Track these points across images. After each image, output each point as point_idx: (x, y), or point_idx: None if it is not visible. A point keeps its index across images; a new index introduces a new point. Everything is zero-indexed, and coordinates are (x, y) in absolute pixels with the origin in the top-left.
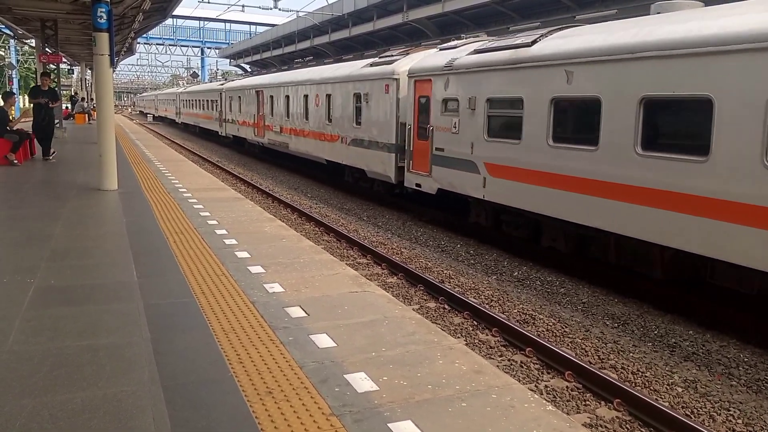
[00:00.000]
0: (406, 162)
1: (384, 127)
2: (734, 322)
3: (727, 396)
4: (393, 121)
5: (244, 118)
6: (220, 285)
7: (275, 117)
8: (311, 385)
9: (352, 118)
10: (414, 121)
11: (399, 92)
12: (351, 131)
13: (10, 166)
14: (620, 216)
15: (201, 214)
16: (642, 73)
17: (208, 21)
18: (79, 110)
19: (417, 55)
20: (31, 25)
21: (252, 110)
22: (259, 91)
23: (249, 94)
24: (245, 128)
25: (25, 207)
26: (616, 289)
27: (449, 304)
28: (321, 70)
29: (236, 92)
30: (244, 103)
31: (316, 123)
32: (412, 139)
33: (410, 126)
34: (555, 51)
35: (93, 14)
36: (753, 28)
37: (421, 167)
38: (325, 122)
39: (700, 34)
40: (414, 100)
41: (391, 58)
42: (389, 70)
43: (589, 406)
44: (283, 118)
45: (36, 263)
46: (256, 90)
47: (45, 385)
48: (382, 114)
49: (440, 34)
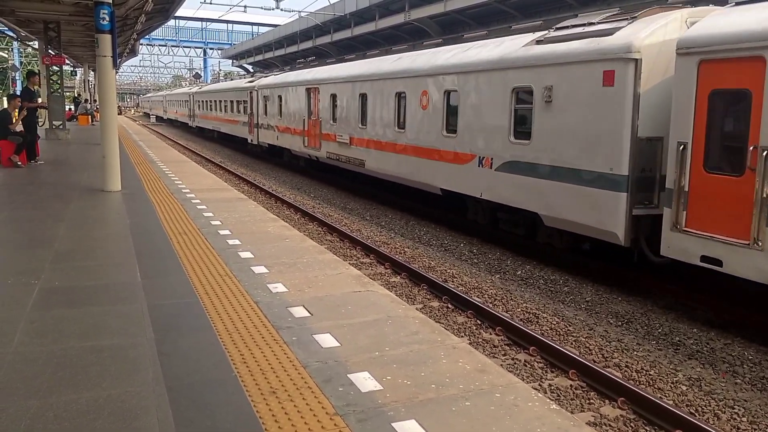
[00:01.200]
0: (671, 212)
1: (597, 145)
2: (738, 320)
3: (732, 394)
4: (622, 133)
5: (286, 124)
6: (223, 285)
7: (340, 123)
8: (315, 384)
9: (508, 129)
10: (698, 137)
11: (639, 82)
12: (505, 149)
13: (14, 168)
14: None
15: (204, 215)
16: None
17: (210, 22)
18: (82, 112)
19: (669, 16)
20: (34, 27)
21: (300, 113)
22: (313, 88)
23: (295, 93)
24: (288, 136)
25: (28, 208)
26: (619, 287)
27: (453, 303)
28: (429, 56)
29: (275, 90)
30: (288, 104)
31: (422, 133)
32: (689, 169)
33: (683, 144)
34: None
35: (95, 16)
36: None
37: (722, 227)
38: (442, 133)
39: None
40: (697, 96)
41: (601, 26)
42: (616, 45)
43: (593, 404)
44: (353, 124)
45: (40, 265)
46: (308, 87)
47: (49, 386)
48: (590, 121)
49: (442, 33)
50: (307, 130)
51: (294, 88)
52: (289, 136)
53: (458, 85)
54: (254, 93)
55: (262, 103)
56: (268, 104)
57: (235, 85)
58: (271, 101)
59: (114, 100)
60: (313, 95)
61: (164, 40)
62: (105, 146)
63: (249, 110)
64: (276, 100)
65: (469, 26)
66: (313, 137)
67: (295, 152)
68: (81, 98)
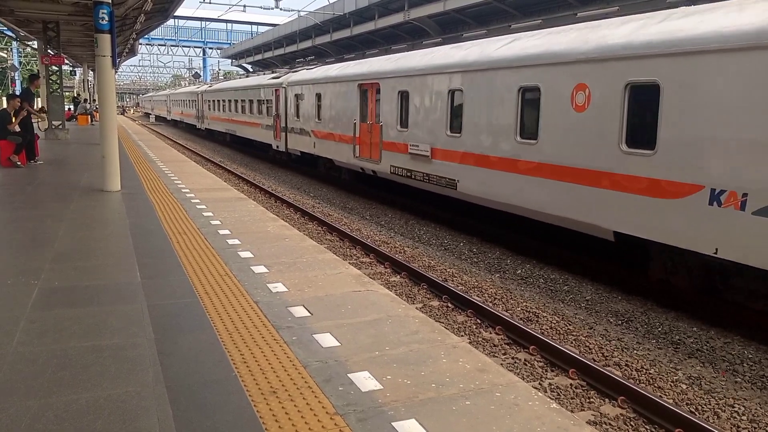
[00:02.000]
0: None
1: None
2: (738, 318)
3: (732, 393)
4: None
5: (328, 128)
6: (223, 285)
7: (415, 129)
8: (315, 384)
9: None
10: None
11: None
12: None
13: (14, 168)
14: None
15: (204, 215)
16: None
17: (209, 21)
18: (81, 111)
19: None
20: (33, 27)
21: (348, 116)
22: (369, 84)
23: (341, 91)
24: (331, 144)
25: (28, 208)
26: (619, 286)
27: (453, 302)
28: (588, 32)
29: (312, 87)
30: (331, 104)
31: (573, 147)
32: None
33: None
34: None
35: (95, 16)
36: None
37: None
38: (620, 147)
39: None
40: None
41: None
42: None
43: (593, 403)
44: (438, 131)
45: (40, 265)
46: (363, 83)
47: (50, 386)
48: None
49: (442, 32)
50: (359, 136)
51: (339, 84)
52: (332, 143)
53: (668, 74)
54: (282, 91)
55: (292, 103)
56: (302, 104)
57: (257, 82)
58: (306, 101)
59: (113, 100)
60: (369, 93)
61: (163, 40)
62: (104, 146)
63: (275, 111)
64: (312, 99)
65: (469, 25)
66: (367, 146)
67: (340, 164)
68: (80, 98)
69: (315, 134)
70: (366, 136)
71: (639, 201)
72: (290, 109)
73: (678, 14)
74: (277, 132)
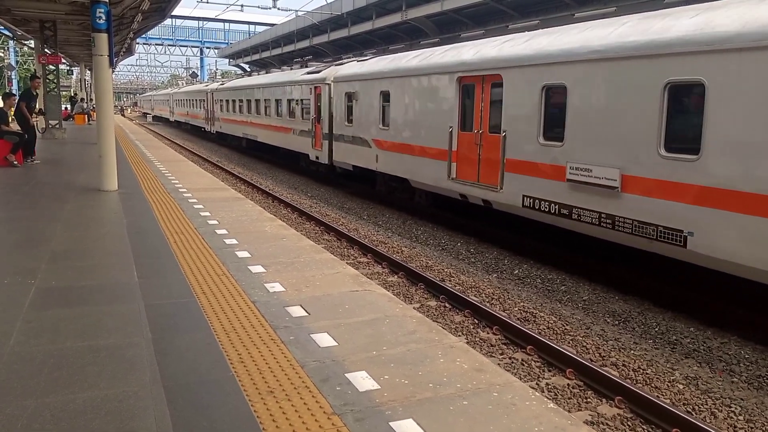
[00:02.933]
0: None
1: None
2: (735, 318)
3: (729, 393)
4: None
5: (401, 138)
6: (220, 285)
7: (593, 142)
8: (312, 384)
9: None
10: None
11: None
12: None
13: (10, 167)
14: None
15: (201, 214)
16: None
17: (207, 21)
18: (78, 111)
19: None
20: (30, 26)
21: (437, 122)
22: (483, 76)
23: (425, 88)
24: (407, 159)
25: (25, 208)
26: (616, 286)
27: (450, 302)
28: None
29: (373, 84)
30: (406, 104)
31: None
32: None
33: None
34: None
35: (92, 15)
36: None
37: None
38: None
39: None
40: None
41: None
42: None
43: (590, 403)
44: (628, 149)
45: (37, 264)
46: (466, 75)
47: (46, 386)
48: None
49: (439, 32)
50: (457, 150)
51: (422, 78)
52: (407, 158)
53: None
54: (325, 89)
55: (341, 104)
56: (357, 105)
57: (286, 78)
58: (364, 101)
59: (110, 99)
60: (477, 90)
61: (161, 39)
62: (101, 145)
63: (313, 114)
64: (374, 98)
65: (466, 26)
66: (473, 164)
67: (421, 186)
68: (77, 97)
69: (378, 145)
70: (470, 150)
71: None
72: (338, 112)
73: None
74: (317, 140)
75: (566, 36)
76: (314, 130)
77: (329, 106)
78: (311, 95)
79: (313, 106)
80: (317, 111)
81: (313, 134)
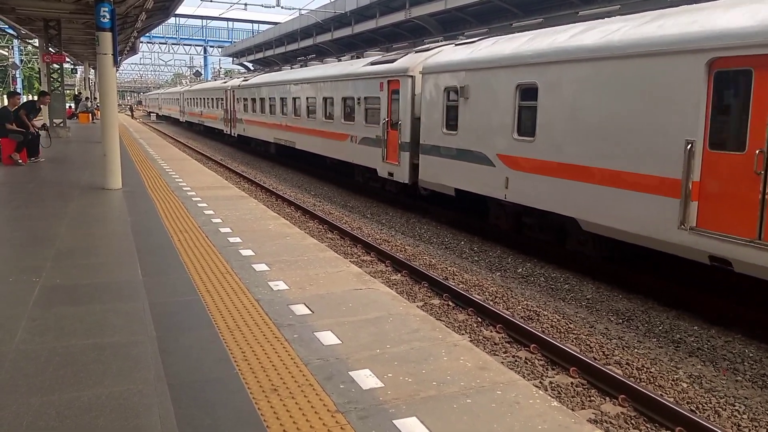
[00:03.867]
0: None
1: None
2: (739, 317)
3: (733, 391)
4: None
5: (565, 155)
6: (224, 283)
7: None
8: (316, 382)
9: None
10: None
11: None
12: None
13: (15, 165)
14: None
15: (205, 213)
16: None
17: (210, 19)
18: (82, 109)
19: None
20: (34, 25)
21: (656, 128)
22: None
23: (627, 78)
24: (577, 189)
25: (29, 206)
26: (620, 285)
27: (453, 300)
28: None
29: (508, 75)
30: (574, 105)
31: None
32: None
33: None
34: None
35: (96, 14)
36: None
37: None
38: None
39: None
40: None
41: None
42: None
43: (594, 401)
44: None
45: (41, 262)
46: (727, 56)
47: (51, 383)
48: None
49: (443, 31)
50: (702, 181)
51: (610, 64)
52: (578, 187)
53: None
54: (407, 83)
55: (436, 104)
56: (466, 106)
57: (342, 71)
58: (479, 99)
59: (114, 98)
60: (756, 81)
61: (164, 38)
62: (106, 144)
63: (386, 117)
64: (502, 96)
65: (470, 24)
66: (746, 208)
67: (611, 232)
68: (81, 96)
69: (511, 163)
70: (736, 182)
71: None
72: (429, 114)
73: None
74: (390, 151)
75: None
76: (386, 138)
77: (412, 107)
78: (383, 92)
79: (385, 106)
80: (389, 114)
81: (385, 143)
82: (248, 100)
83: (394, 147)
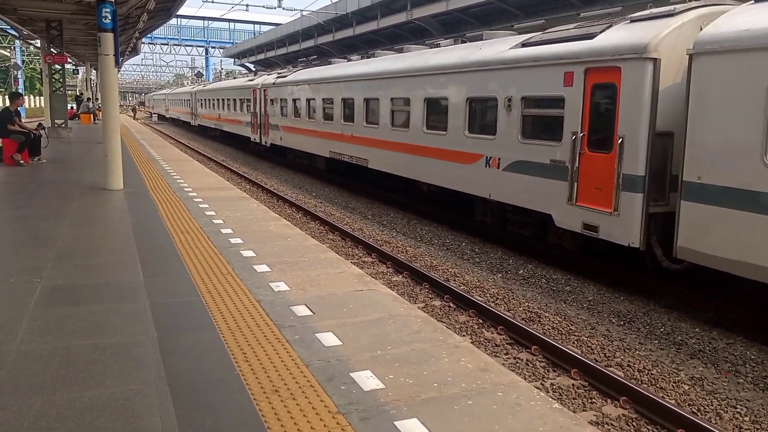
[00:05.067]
0: None
1: None
2: (741, 319)
3: (734, 393)
4: None
5: None
6: (225, 284)
7: None
8: (317, 383)
9: None
10: None
11: None
12: None
13: (17, 166)
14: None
15: (206, 214)
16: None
17: (212, 21)
18: (84, 110)
19: None
20: (36, 26)
21: None
22: None
23: None
24: None
25: (31, 207)
26: (621, 286)
27: (455, 302)
28: None
29: None
30: None
31: None
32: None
33: None
34: None
35: (98, 15)
36: None
37: None
38: None
39: None
40: None
41: None
42: None
43: (595, 403)
44: None
45: (42, 263)
46: None
47: (52, 384)
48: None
49: (444, 32)
50: None
51: None
52: None
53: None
54: (643, 72)
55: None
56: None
57: (462, 58)
58: None
59: (116, 99)
60: None
61: (166, 39)
62: (107, 145)
63: (579, 130)
64: None
65: (472, 25)
66: None
67: None
68: (83, 97)
69: None
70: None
71: None
72: (715, 128)
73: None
74: (592, 189)
75: None
76: (578, 166)
77: (652, 113)
78: (572, 88)
79: (577, 111)
80: (590, 123)
81: (576, 175)
82: (288, 101)
83: (603, 182)
